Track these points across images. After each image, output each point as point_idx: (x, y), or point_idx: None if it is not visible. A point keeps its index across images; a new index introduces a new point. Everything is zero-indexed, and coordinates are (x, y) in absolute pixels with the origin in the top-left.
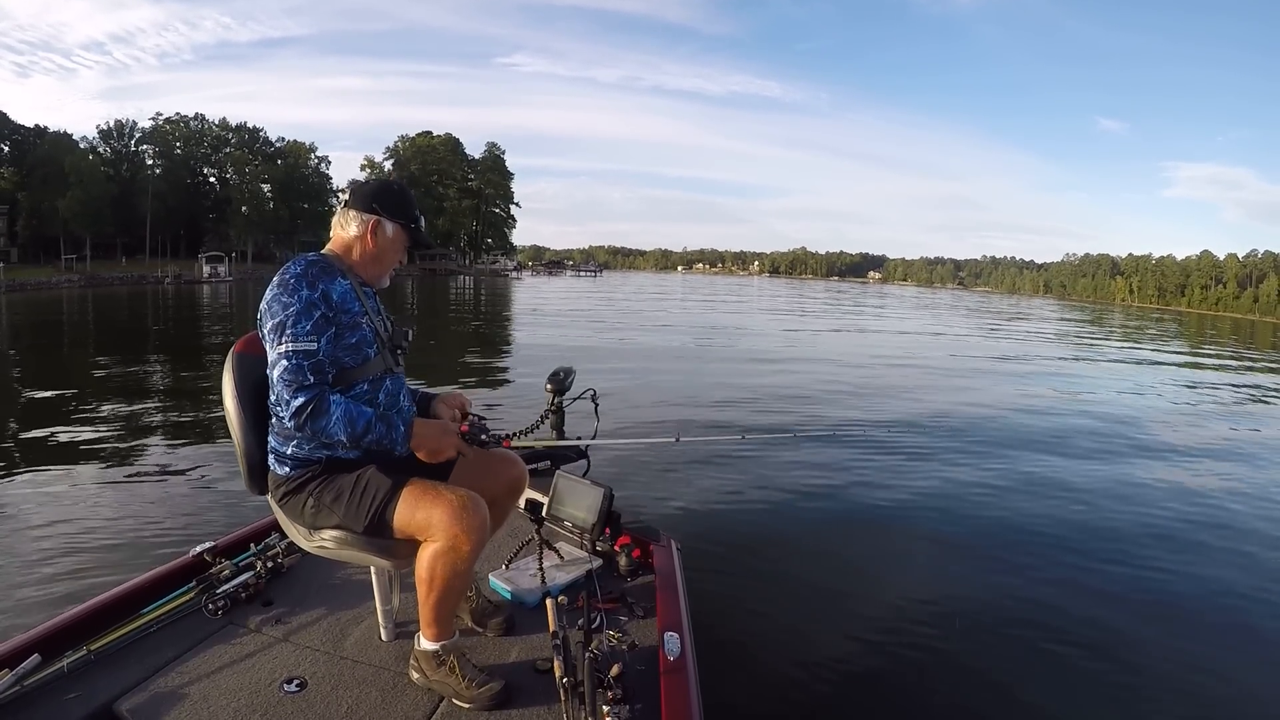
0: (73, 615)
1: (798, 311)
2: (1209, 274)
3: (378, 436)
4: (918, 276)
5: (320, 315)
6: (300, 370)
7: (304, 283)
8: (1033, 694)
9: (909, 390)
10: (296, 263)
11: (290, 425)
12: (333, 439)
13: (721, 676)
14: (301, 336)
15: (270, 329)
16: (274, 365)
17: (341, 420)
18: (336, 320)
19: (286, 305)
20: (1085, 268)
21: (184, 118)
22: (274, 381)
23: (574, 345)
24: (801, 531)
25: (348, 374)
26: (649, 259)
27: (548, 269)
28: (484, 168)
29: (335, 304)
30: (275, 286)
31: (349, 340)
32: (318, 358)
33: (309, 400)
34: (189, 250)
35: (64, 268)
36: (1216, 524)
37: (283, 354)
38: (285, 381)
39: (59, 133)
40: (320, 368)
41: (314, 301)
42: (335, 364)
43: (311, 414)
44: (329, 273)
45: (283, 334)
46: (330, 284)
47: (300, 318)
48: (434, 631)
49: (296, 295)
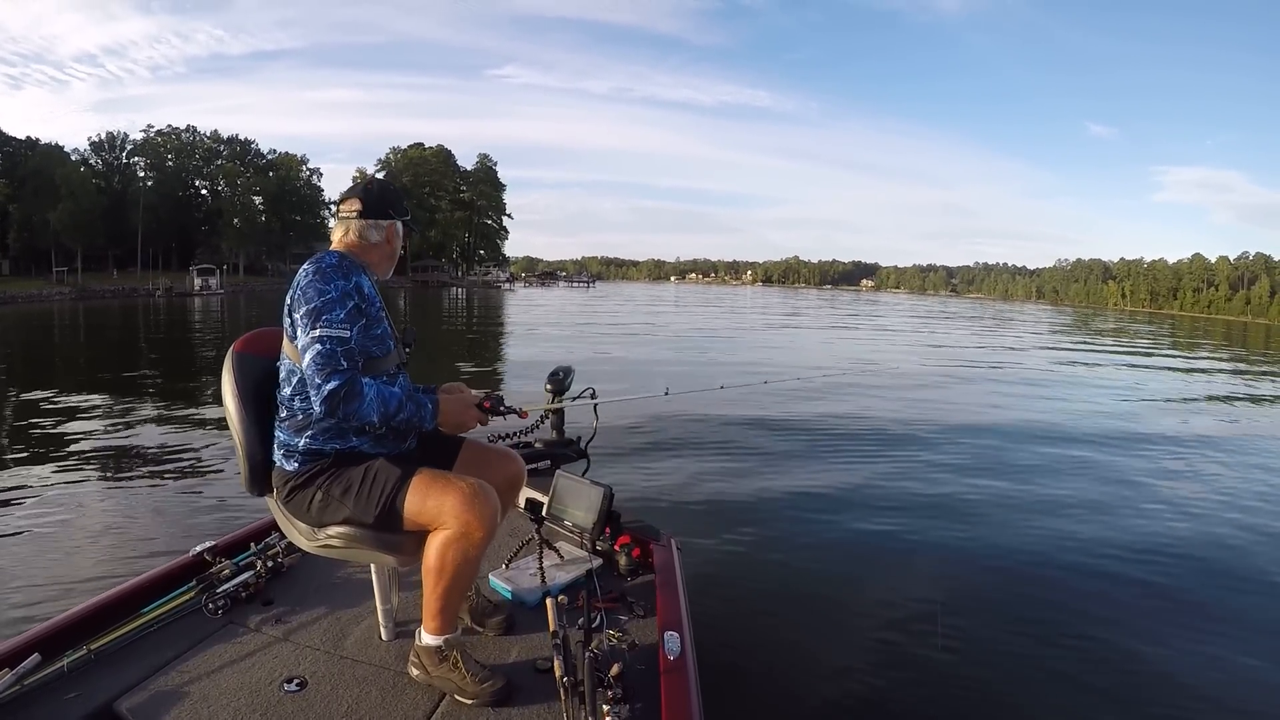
0: (73, 615)
1: (804, 319)
2: (1200, 277)
3: (409, 415)
4: (910, 284)
5: (354, 305)
6: (334, 356)
7: (339, 273)
8: (1033, 693)
9: (914, 392)
10: (330, 254)
11: (321, 410)
12: (365, 420)
13: (721, 676)
14: (336, 323)
15: (303, 315)
16: (306, 350)
17: (375, 401)
18: (367, 313)
19: (323, 292)
20: (1077, 273)
21: (175, 130)
22: (305, 366)
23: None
24: (802, 531)
25: (374, 364)
26: (642, 269)
27: (540, 280)
28: (476, 179)
29: (366, 296)
30: (310, 274)
31: (375, 332)
32: (350, 345)
33: (342, 384)
34: (180, 263)
35: (55, 280)
36: (1217, 530)
37: (316, 338)
38: (318, 366)
39: (50, 145)
40: (352, 354)
41: (349, 291)
42: (364, 353)
43: (345, 397)
44: (357, 268)
45: (317, 320)
46: (360, 277)
47: (335, 305)
48: (438, 625)
49: (333, 284)
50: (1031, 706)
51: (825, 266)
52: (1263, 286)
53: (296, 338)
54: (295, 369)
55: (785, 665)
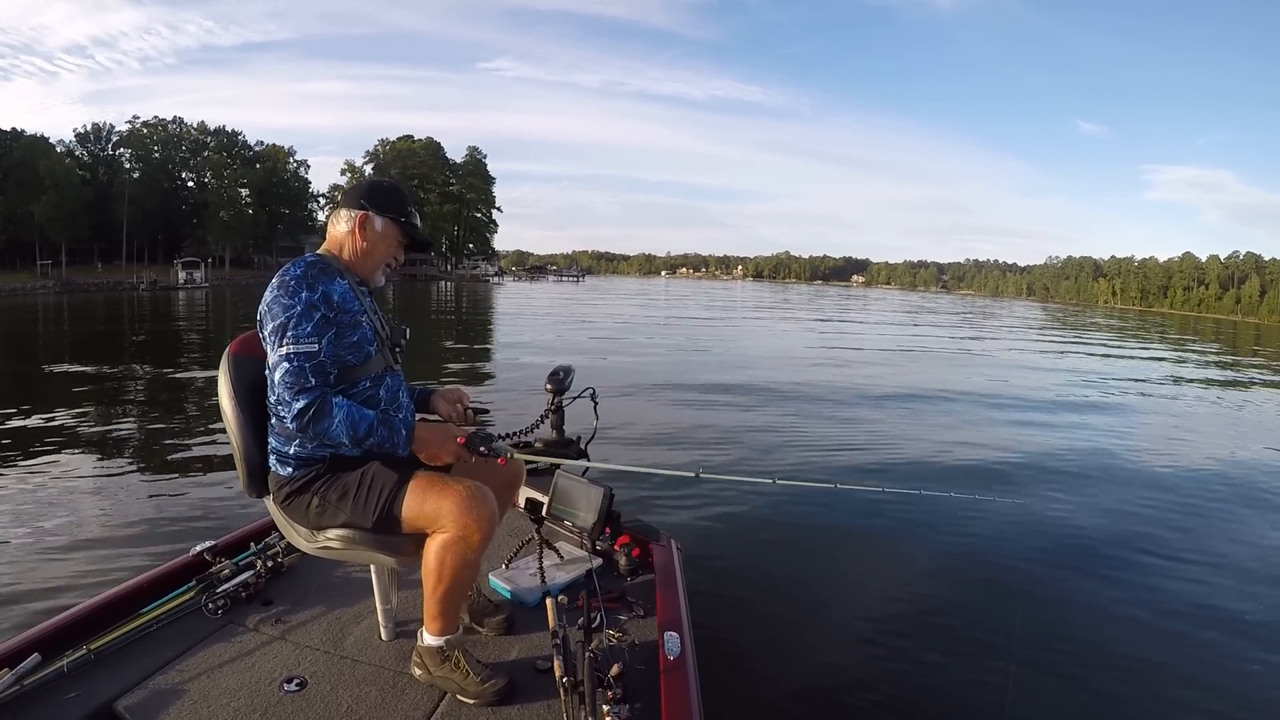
0: (73, 615)
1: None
2: (1191, 275)
3: (379, 440)
4: (901, 280)
5: (321, 316)
6: (302, 372)
7: (304, 284)
8: (1033, 694)
9: (916, 392)
10: (296, 264)
11: (293, 427)
12: (335, 441)
13: (721, 676)
14: (302, 338)
15: (271, 331)
16: (275, 367)
17: (344, 423)
18: (337, 320)
19: (287, 307)
20: (1068, 270)
21: (162, 121)
22: (275, 384)
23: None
24: (802, 530)
25: (350, 371)
26: (633, 264)
27: (529, 274)
28: (465, 172)
29: (335, 304)
30: (275, 288)
31: (350, 339)
32: (319, 359)
33: (311, 403)
34: (167, 255)
35: (40, 273)
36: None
37: (284, 356)
38: (287, 384)
39: (35, 136)
40: (322, 369)
41: (314, 303)
42: (338, 362)
43: (314, 416)
44: (328, 273)
45: (283, 336)
46: (330, 284)
47: (301, 319)
48: (439, 625)
49: (296, 297)
50: (1031, 707)
51: (816, 262)
52: (1253, 285)
53: (268, 351)
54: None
55: (785, 665)
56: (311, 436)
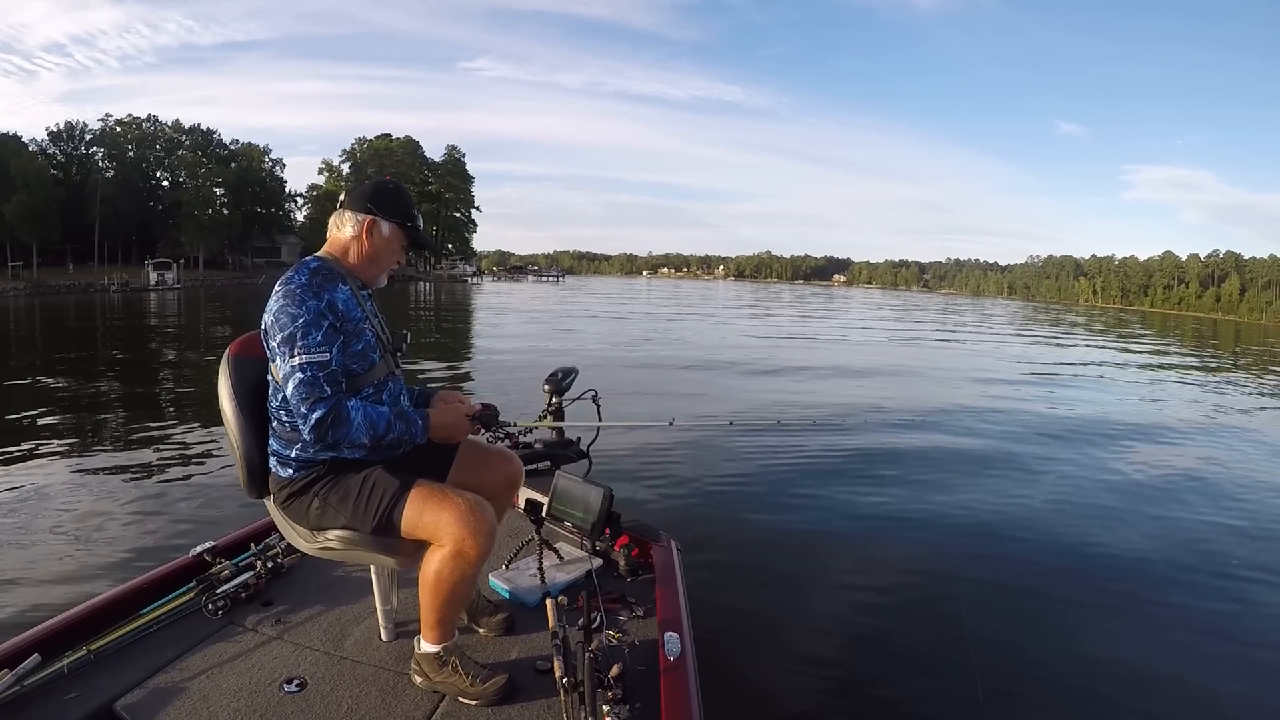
0: (73, 615)
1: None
2: (1171, 274)
3: (399, 434)
4: (882, 279)
5: (329, 325)
6: (315, 383)
7: (310, 293)
8: (1032, 693)
9: (914, 390)
10: (300, 271)
11: (310, 438)
12: (355, 443)
13: (721, 676)
14: (314, 348)
15: (280, 342)
16: (288, 379)
17: (364, 425)
18: (343, 329)
19: (295, 317)
20: (1049, 269)
21: (136, 119)
22: (289, 395)
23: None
24: (802, 530)
25: (355, 380)
26: (614, 264)
27: (509, 274)
28: (444, 171)
29: (340, 312)
30: (280, 297)
31: (355, 347)
32: (331, 368)
33: (328, 411)
34: (140, 256)
35: (10, 275)
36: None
37: (296, 366)
38: (301, 396)
39: (4, 134)
40: (335, 378)
41: (322, 312)
42: (345, 372)
43: (332, 424)
44: (331, 280)
45: (294, 347)
46: (334, 292)
47: (310, 329)
48: (435, 634)
49: (304, 306)
50: (1030, 707)
51: (798, 261)
52: (1232, 284)
53: (276, 362)
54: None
55: (785, 665)
56: (330, 444)
